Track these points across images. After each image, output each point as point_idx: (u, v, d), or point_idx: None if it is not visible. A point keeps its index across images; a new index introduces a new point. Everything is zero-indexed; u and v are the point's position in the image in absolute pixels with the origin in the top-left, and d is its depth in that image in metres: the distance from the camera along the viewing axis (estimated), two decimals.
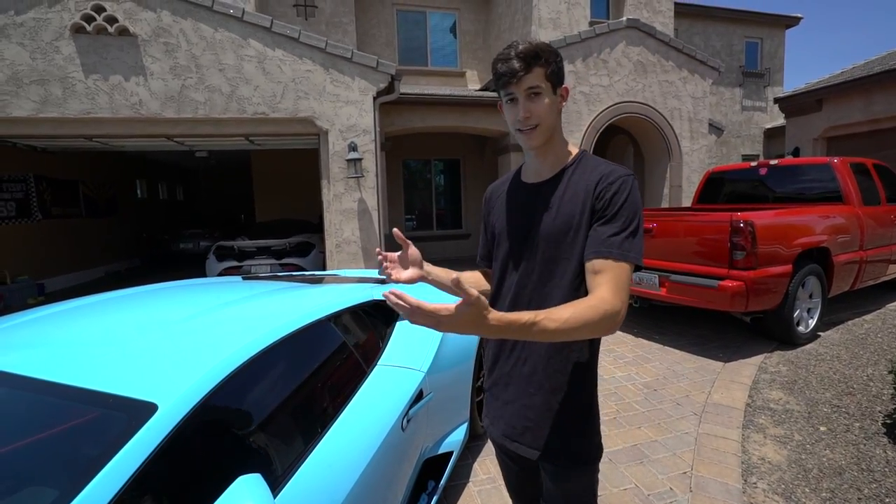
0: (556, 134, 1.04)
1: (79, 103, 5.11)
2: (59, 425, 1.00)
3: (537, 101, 0.97)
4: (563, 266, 1.00)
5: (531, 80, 0.95)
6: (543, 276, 1.02)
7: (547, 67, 0.96)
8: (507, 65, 0.95)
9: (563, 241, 0.99)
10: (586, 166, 1.02)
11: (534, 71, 0.95)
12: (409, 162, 10.19)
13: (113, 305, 1.69)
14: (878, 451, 2.38)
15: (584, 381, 1.04)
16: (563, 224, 0.99)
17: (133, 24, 5.13)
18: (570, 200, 1.00)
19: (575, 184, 1.01)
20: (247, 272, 6.31)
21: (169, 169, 13.80)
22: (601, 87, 7.65)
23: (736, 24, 12.11)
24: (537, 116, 0.98)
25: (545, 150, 1.05)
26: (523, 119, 0.98)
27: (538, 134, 1.00)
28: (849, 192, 4.39)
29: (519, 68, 0.94)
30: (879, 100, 7.33)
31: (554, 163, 1.06)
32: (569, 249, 0.99)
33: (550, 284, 1.01)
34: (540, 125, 0.99)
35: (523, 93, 0.97)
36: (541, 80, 0.96)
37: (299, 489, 1.09)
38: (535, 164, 1.09)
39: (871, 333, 4.18)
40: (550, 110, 0.99)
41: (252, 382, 1.23)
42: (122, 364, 1.13)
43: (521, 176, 1.15)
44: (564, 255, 1.00)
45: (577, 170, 1.03)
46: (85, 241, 8.89)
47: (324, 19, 8.64)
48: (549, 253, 1.01)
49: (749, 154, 12.35)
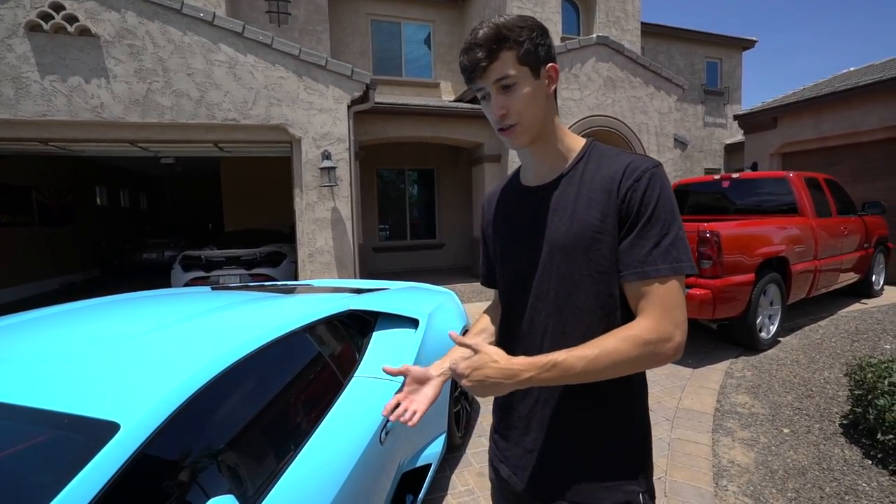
0: (548, 126, 0.85)
1: (33, 105, 4.85)
2: (8, 449, 0.92)
3: (512, 93, 0.79)
4: (585, 284, 0.82)
5: (498, 69, 0.78)
6: (560, 298, 0.84)
7: (518, 48, 0.78)
8: (467, 56, 0.79)
9: (583, 253, 0.81)
10: (601, 159, 0.84)
11: (500, 57, 0.77)
12: (384, 171, 10.15)
13: (68, 318, 1.58)
14: (836, 451, 2.49)
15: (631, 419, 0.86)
16: (580, 233, 0.81)
17: (95, 24, 4.93)
18: (586, 204, 0.81)
19: (590, 182, 0.82)
20: (215, 283, 6.09)
21: (132, 175, 13.25)
22: (573, 100, 7.88)
23: (697, 45, 12.77)
24: (515, 113, 0.80)
25: (540, 148, 0.87)
26: (498, 117, 0.82)
27: (520, 133, 0.82)
28: (804, 205, 4.64)
29: (481, 57, 0.77)
30: (828, 119, 7.84)
31: (556, 160, 0.88)
32: (590, 264, 0.81)
33: (569, 307, 0.83)
34: (520, 122, 0.81)
35: (493, 86, 0.79)
36: (511, 66, 0.78)
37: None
38: (533, 163, 0.91)
39: (826, 338, 4.40)
40: (532, 101, 0.80)
41: (222, 398, 1.17)
42: (78, 381, 1.05)
43: (520, 178, 0.96)
44: (585, 270, 0.81)
45: (588, 165, 0.84)
46: (37, 251, 8.38)
47: (297, 27, 8.56)
48: (564, 269, 0.83)
49: (711, 168, 12.95)
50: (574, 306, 0.83)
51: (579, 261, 0.82)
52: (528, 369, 0.73)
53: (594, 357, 0.73)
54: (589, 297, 0.82)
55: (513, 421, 0.92)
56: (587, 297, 0.82)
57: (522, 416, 0.90)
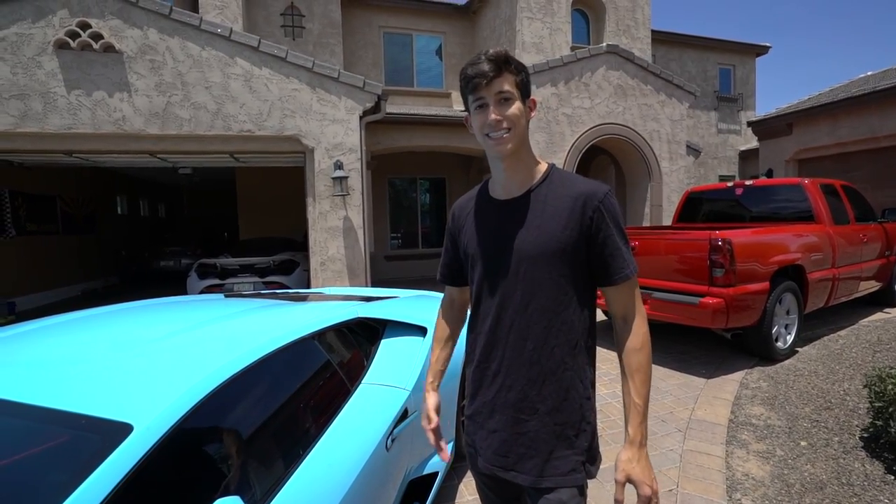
0: (525, 146, 1.01)
1: (60, 118, 5.04)
2: (28, 448, 0.96)
3: (508, 106, 0.94)
4: (547, 286, 0.97)
5: (501, 83, 0.93)
6: (525, 298, 0.98)
7: (517, 75, 0.95)
8: (476, 68, 0.93)
9: (547, 260, 0.96)
10: (563, 181, 1.01)
11: (504, 75, 0.93)
12: (395, 180, 10.25)
13: (87, 323, 1.64)
14: (856, 465, 2.41)
15: (582, 398, 1.01)
16: (545, 243, 0.96)
17: (119, 41, 5.13)
18: (551, 216, 0.96)
19: (555, 200, 0.98)
20: (229, 290, 6.20)
21: (151, 185, 13.61)
22: (583, 109, 7.88)
23: (710, 52, 12.68)
24: (509, 121, 0.95)
25: (515, 164, 1.01)
26: (494, 122, 0.94)
27: (509, 139, 0.96)
28: (820, 212, 4.56)
29: (489, 70, 0.92)
30: (844, 124, 7.70)
31: (525, 177, 1.02)
32: (552, 269, 0.96)
33: (532, 306, 0.98)
34: (512, 129, 0.95)
35: (494, 97, 0.94)
36: (511, 85, 0.94)
37: None
38: (504, 179, 1.04)
39: (846, 349, 4.29)
40: (520, 117, 0.96)
41: (232, 402, 1.20)
42: (95, 384, 1.09)
43: (489, 192, 1.09)
44: (547, 274, 0.96)
45: (552, 185, 1.01)
46: (61, 259, 8.64)
47: (311, 40, 8.76)
48: (531, 273, 0.97)
49: (725, 175, 12.78)
50: (537, 305, 0.98)
51: (543, 266, 0.97)
52: (641, 433, 0.95)
53: (643, 380, 0.96)
54: (549, 297, 0.97)
55: (480, 406, 1.07)
56: (548, 297, 0.97)
57: (488, 401, 1.05)
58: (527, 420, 0.99)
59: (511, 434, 1.00)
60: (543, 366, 0.98)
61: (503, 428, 1.01)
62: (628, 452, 0.94)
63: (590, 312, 1.03)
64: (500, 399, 1.02)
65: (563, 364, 0.99)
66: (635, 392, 0.96)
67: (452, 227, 1.16)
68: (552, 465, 0.98)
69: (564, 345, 0.98)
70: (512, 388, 1.00)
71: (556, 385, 0.98)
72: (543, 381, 0.98)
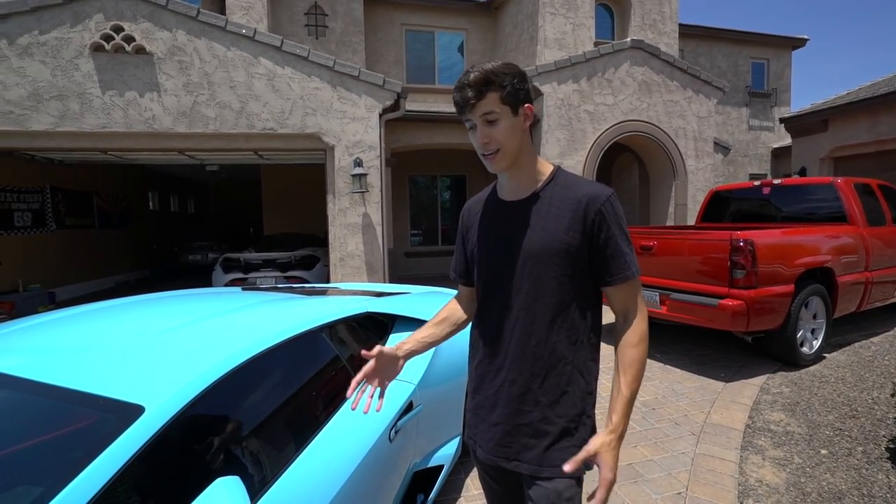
0: (523, 154, 1.04)
1: (95, 118, 5.29)
2: (50, 425, 1.04)
3: (495, 126, 0.98)
4: (551, 285, 1.00)
5: (485, 106, 0.96)
6: (529, 296, 1.02)
7: (501, 91, 0.96)
8: (459, 94, 0.97)
9: (551, 260, 1.00)
10: (567, 184, 1.04)
11: (487, 97, 0.96)
12: (416, 178, 10.32)
13: (111, 312, 1.74)
14: (880, 476, 2.32)
15: (584, 393, 1.04)
16: (549, 242, 1.00)
17: (150, 42, 5.34)
18: (555, 218, 1.00)
19: (559, 202, 1.01)
20: (252, 284, 6.39)
21: (181, 182, 14.10)
22: (605, 105, 7.74)
23: (742, 45, 12.22)
24: (496, 141, 0.98)
25: (516, 172, 1.06)
26: (482, 144, 0.99)
27: (500, 158, 1.00)
28: (853, 213, 4.36)
29: (471, 96, 0.95)
30: (885, 121, 7.32)
31: (529, 181, 1.06)
32: (556, 268, 1.00)
33: (537, 304, 1.01)
34: (501, 150, 0.99)
35: (479, 119, 0.97)
36: (495, 105, 0.96)
37: (279, 496, 1.11)
38: (509, 183, 1.09)
39: (878, 356, 4.10)
40: (511, 133, 0.99)
41: (239, 389, 1.26)
42: (113, 367, 1.17)
43: (497, 193, 1.14)
44: (552, 273, 1.00)
45: (557, 187, 1.04)
46: (97, 252, 9.07)
47: (334, 38, 8.90)
48: (536, 272, 1.01)
49: (756, 173, 12.32)
50: (541, 303, 1.02)
51: (548, 266, 1.00)
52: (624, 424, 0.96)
53: (635, 375, 0.98)
54: (553, 296, 1.01)
55: (482, 400, 1.11)
56: (551, 294, 1.01)
57: (490, 395, 1.09)
58: (529, 412, 1.03)
59: (513, 425, 1.04)
60: (546, 360, 1.02)
61: (505, 420, 1.05)
62: (608, 437, 0.95)
63: (594, 310, 1.06)
64: (503, 393, 1.06)
65: (564, 359, 1.02)
66: (626, 385, 0.98)
67: (462, 227, 1.22)
68: (552, 455, 1.01)
69: (566, 340, 1.02)
70: (515, 382, 1.04)
71: (558, 379, 1.02)
72: (545, 375, 1.02)
